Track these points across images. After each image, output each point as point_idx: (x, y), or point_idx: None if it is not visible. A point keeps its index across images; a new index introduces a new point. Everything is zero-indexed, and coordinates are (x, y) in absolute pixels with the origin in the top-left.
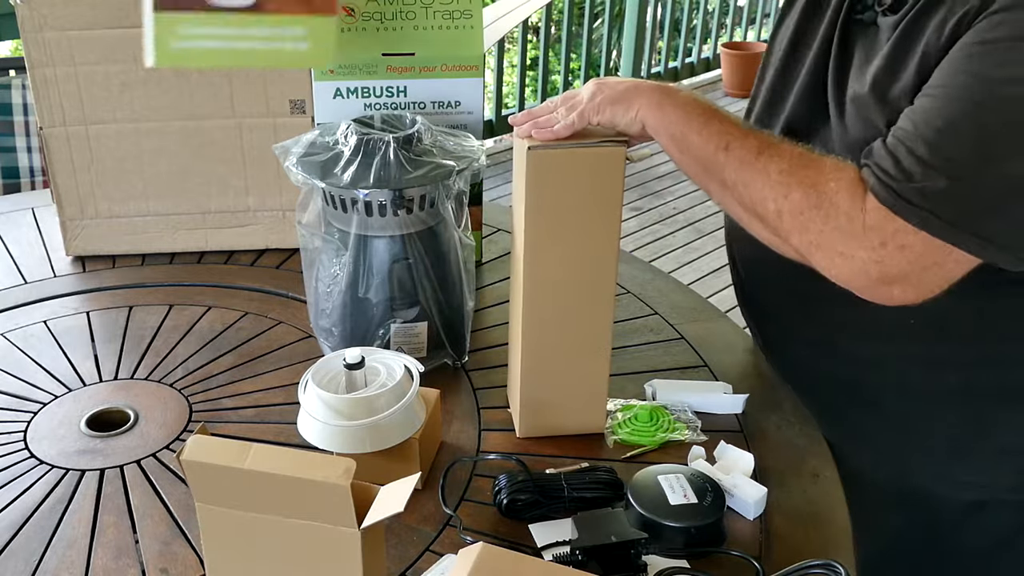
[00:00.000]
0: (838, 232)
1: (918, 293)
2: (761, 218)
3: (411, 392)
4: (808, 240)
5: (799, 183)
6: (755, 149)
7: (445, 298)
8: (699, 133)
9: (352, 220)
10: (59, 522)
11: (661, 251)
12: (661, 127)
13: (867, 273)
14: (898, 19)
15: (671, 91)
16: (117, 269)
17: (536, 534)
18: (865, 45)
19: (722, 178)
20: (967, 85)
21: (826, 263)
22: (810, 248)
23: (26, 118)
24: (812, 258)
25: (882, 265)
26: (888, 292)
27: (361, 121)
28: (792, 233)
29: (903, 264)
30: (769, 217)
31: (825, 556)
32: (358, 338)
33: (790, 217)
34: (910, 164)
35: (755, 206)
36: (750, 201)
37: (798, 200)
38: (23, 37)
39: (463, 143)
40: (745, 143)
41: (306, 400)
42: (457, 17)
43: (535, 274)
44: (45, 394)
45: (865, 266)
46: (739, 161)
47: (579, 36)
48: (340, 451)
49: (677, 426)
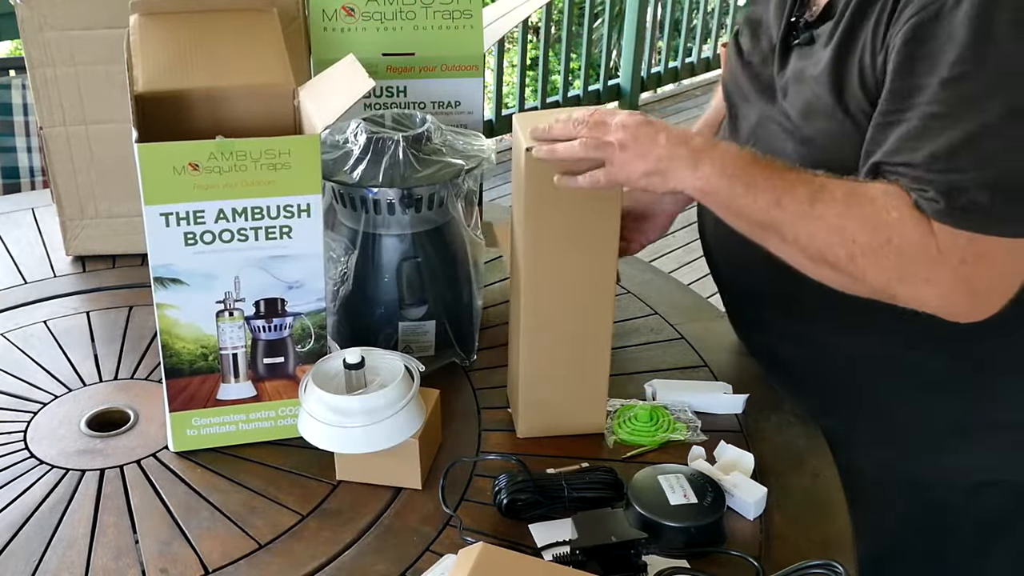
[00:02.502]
0: (916, 262)
1: (1007, 295)
2: (832, 265)
3: (411, 392)
4: (887, 277)
5: (862, 224)
6: (807, 199)
7: (453, 297)
8: (746, 195)
9: (361, 218)
10: (59, 522)
11: (661, 251)
12: (707, 195)
13: (957, 293)
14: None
15: (705, 150)
16: (117, 269)
17: (536, 534)
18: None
19: (781, 234)
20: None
21: (913, 294)
22: (891, 284)
23: (26, 118)
24: (896, 292)
25: (969, 282)
26: (985, 307)
27: (371, 120)
28: (868, 273)
29: (989, 275)
30: (841, 263)
31: (825, 556)
32: (366, 337)
33: (863, 259)
34: (951, 179)
35: (823, 255)
36: (816, 251)
37: (866, 241)
38: (23, 37)
39: (472, 142)
40: (795, 194)
41: (307, 400)
42: (457, 17)
43: (535, 275)
44: (45, 394)
45: (953, 287)
46: (794, 216)
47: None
48: (340, 451)
49: (677, 426)
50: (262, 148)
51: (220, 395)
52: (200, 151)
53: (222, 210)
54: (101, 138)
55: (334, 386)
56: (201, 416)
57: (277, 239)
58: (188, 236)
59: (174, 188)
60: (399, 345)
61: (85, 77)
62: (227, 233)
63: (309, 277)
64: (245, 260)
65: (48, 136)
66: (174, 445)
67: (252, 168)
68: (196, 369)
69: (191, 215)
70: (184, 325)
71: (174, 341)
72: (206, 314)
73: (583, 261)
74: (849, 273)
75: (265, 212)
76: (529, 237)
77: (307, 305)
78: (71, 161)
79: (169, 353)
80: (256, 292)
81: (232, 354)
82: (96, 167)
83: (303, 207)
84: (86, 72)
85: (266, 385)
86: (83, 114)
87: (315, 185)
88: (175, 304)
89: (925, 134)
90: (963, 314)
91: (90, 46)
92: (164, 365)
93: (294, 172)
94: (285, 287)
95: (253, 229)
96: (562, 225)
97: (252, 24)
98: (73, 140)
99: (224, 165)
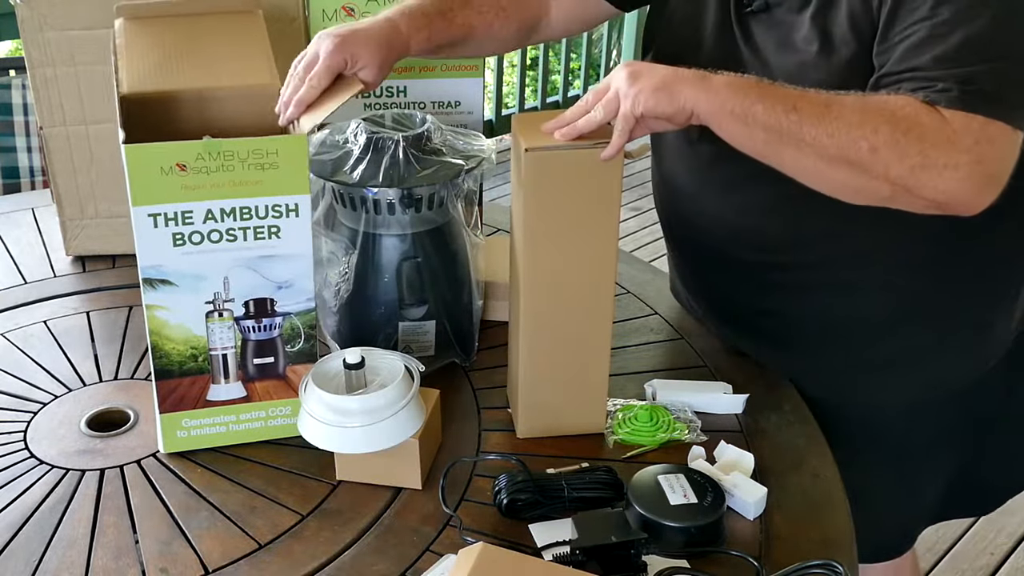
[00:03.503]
0: (937, 146)
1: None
2: (852, 163)
3: (411, 392)
4: (910, 164)
5: (881, 118)
6: (822, 102)
7: (453, 297)
8: (760, 102)
9: (361, 218)
10: (59, 522)
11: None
12: (717, 107)
13: (972, 177)
14: None
15: (706, 73)
16: (117, 269)
17: (536, 534)
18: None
19: (799, 138)
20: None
21: (933, 182)
22: (914, 172)
23: (26, 118)
24: (918, 182)
25: (983, 164)
26: (991, 195)
27: (371, 120)
28: (892, 164)
29: (999, 159)
30: (863, 158)
31: (825, 556)
32: (366, 337)
33: (887, 149)
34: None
35: (844, 152)
36: (837, 149)
37: (888, 132)
38: (23, 37)
39: (472, 142)
40: (807, 98)
41: (307, 400)
42: None
43: (534, 274)
44: (45, 394)
45: (970, 170)
46: (813, 116)
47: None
48: (340, 451)
49: (677, 426)
50: (249, 148)
51: (210, 396)
52: (187, 151)
53: (210, 210)
54: (101, 138)
55: (334, 386)
56: (191, 417)
57: (266, 239)
58: (176, 236)
59: (162, 189)
60: (399, 345)
61: (85, 77)
62: (215, 233)
63: (298, 277)
64: (234, 260)
65: (48, 136)
66: (164, 446)
67: (240, 168)
68: (186, 370)
69: (179, 215)
70: (174, 326)
71: (164, 342)
72: (195, 315)
73: (583, 261)
74: (869, 168)
75: (253, 212)
76: (528, 237)
77: (297, 305)
78: (71, 161)
79: (159, 354)
80: (245, 292)
81: (222, 355)
82: (96, 167)
83: (291, 207)
84: (86, 72)
85: (256, 385)
86: (83, 114)
87: (303, 185)
88: (164, 305)
89: (928, 41)
90: (972, 202)
91: (90, 46)
92: (154, 366)
93: (282, 172)
94: (275, 287)
95: (242, 229)
96: (561, 225)
97: (237, 26)
98: (73, 140)
99: (212, 165)
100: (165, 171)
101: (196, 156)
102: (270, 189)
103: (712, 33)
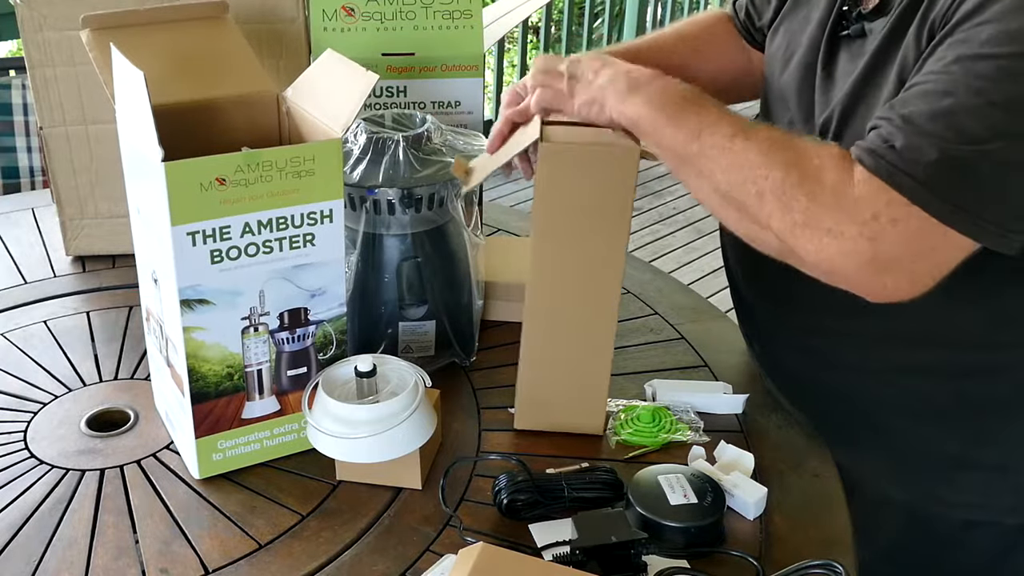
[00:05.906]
0: (825, 208)
1: (912, 284)
2: (740, 205)
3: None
4: (792, 220)
5: (779, 163)
6: (728, 134)
7: (453, 297)
8: (668, 127)
9: (361, 218)
10: (59, 522)
11: (661, 251)
12: (633, 124)
13: (858, 253)
14: (885, 21)
15: (641, 83)
16: (117, 269)
17: (536, 534)
18: (847, 56)
19: (698, 168)
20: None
21: (813, 245)
22: (794, 229)
23: (26, 118)
24: (797, 242)
25: (875, 243)
26: (881, 281)
27: (371, 120)
28: (774, 215)
29: (897, 243)
30: (749, 202)
31: (825, 556)
32: (366, 337)
33: (772, 197)
34: (901, 135)
35: (733, 191)
36: (727, 187)
37: (779, 179)
38: (23, 37)
39: (472, 142)
40: (718, 128)
41: (316, 409)
42: (457, 17)
43: (542, 270)
44: (45, 394)
45: (856, 244)
46: (713, 148)
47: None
48: (348, 460)
49: (679, 427)
50: (287, 156)
51: (245, 414)
52: (227, 164)
53: (248, 223)
54: (101, 138)
55: (344, 394)
56: (227, 438)
57: (300, 247)
58: (214, 253)
59: (201, 205)
60: (399, 345)
61: (85, 77)
62: (252, 247)
63: (331, 283)
64: (269, 272)
65: (48, 136)
66: (200, 472)
67: (277, 178)
68: (222, 391)
69: (217, 232)
70: (210, 347)
71: (200, 364)
72: (232, 332)
73: (591, 259)
74: (755, 215)
75: (289, 221)
76: (538, 231)
77: (329, 312)
78: (71, 161)
79: (195, 377)
80: (280, 304)
81: (257, 370)
82: (96, 167)
83: (326, 213)
84: (86, 72)
85: (289, 398)
86: (83, 114)
87: (337, 190)
88: (202, 326)
89: (918, 95)
90: (860, 281)
91: None
92: (190, 390)
93: (317, 178)
94: (308, 296)
95: (277, 240)
96: (572, 221)
97: (212, 33)
98: (73, 140)
99: (251, 177)
100: (205, 187)
101: (236, 169)
102: (306, 197)
103: (803, 50)
